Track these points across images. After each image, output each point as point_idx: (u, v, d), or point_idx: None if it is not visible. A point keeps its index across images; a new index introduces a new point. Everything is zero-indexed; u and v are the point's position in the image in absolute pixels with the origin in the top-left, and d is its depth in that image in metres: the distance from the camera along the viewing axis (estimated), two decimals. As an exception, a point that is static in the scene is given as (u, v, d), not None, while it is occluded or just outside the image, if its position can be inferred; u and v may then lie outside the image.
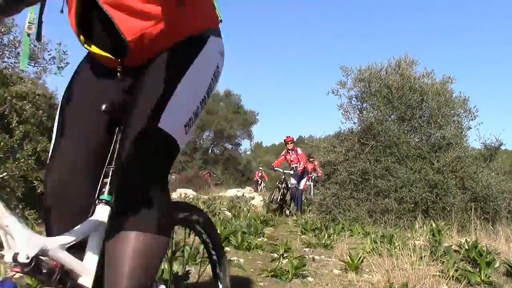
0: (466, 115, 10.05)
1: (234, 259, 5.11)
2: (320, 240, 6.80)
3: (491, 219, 9.02)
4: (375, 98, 10.04)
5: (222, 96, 27.31)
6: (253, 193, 19.09)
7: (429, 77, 10.33)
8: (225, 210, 11.04)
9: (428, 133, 9.52)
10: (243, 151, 29.75)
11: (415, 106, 9.79)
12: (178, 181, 23.09)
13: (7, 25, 7.88)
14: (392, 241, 6.28)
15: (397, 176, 9.12)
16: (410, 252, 4.80)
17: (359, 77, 10.52)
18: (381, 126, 9.58)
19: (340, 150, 10.13)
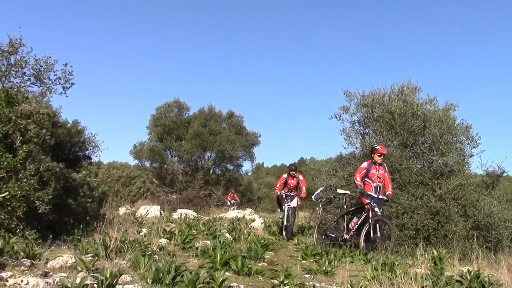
0: (469, 142, 10.07)
1: (234, 285, 5.08)
2: (320, 266, 6.76)
3: (493, 247, 8.96)
4: (378, 124, 10.08)
5: (225, 117, 27.36)
6: (254, 215, 19.01)
7: (432, 104, 10.38)
8: (225, 232, 10.99)
9: (431, 160, 9.52)
10: (245, 172, 29.65)
11: (417, 132, 9.81)
12: (179, 201, 23.03)
13: (14, 45, 7.96)
14: (393, 269, 6.23)
15: (398, 202, 9.09)
16: (412, 282, 4.77)
17: (362, 102, 10.57)
18: (383, 151, 9.59)
19: (342, 175, 10.14)
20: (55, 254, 5.90)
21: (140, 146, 26.87)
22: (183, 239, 8.05)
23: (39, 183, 7.33)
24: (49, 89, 8.44)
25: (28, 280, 4.20)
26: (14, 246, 5.61)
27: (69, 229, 8.40)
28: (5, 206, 6.82)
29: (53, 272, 4.85)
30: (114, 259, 5.58)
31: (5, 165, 6.79)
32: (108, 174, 30.81)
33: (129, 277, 4.89)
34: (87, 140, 15.62)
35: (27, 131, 7.48)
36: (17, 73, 8.08)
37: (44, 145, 9.14)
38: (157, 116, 26.77)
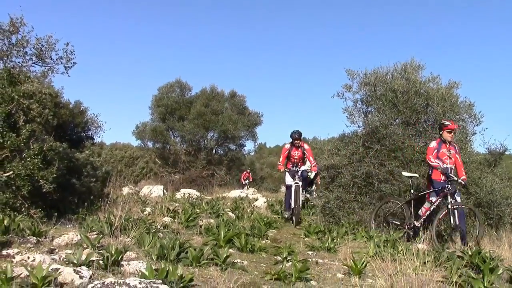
0: (471, 121, 10.03)
1: (237, 262, 5.13)
2: (323, 243, 6.82)
3: (495, 224, 8.99)
4: (381, 102, 10.03)
5: (227, 97, 27.29)
6: (257, 194, 19.09)
7: (435, 82, 10.31)
8: (228, 211, 11.06)
9: (433, 138, 9.49)
10: (247, 152, 29.70)
11: (420, 110, 9.77)
12: (182, 181, 23.13)
13: (15, 25, 7.92)
14: (395, 246, 6.29)
15: (401, 180, 9.11)
16: (414, 257, 4.81)
17: (365, 81, 10.51)
18: (386, 130, 9.58)
19: (345, 153, 10.13)
20: (60, 232, 5.97)
21: (142, 126, 26.88)
22: (186, 218, 8.12)
23: (43, 163, 7.36)
24: (51, 69, 8.42)
25: (35, 257, 4.26)
26: (19, 224, 5.68)
27: (74, 208, 8.47)
28: (10, 185, 6.87)
29: (59, 249, 4.91)
30: (119, 236, 5.63)
31: (9, 144, 6.82)
32: (111, 155, 30.88)
33: (134, 253, 4.95)
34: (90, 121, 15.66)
35: (30, 111, 7.49)
36: (19, 52, 8.05)
37: (47, 125, 9.17)
38: (159, 97, 26.72)
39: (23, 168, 6.84)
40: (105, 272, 4.00)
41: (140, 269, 4.06)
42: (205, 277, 4.31)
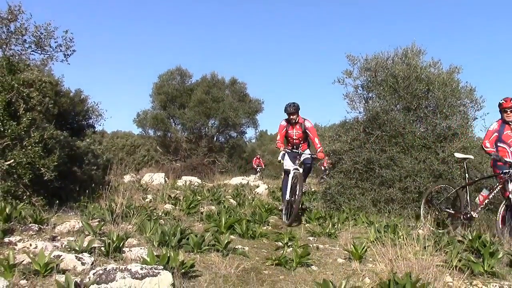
0: (472, 106, 9.98)
1: (238, 247, 5.16)
2: (324, 229, 6.85)
3: (495, 209, 9.01)
4: (381, 88, 10.00)
5: (228, 84, 27.20)
6: (258, 181, 19.14)
7: (436, 67, 10.26)
8: (230, 198, 11.09)
9: (434, 123, 9.48)
10: (248, 139, 29.67)
11: (421, 96, 9.74)
12: (183, 168, 23.17)
13: (13, 12, 7.89)
14: (396, 231, 6.31)
15: (401, 166, 9.11)
16: (414, 242, 4.82)
17: (365, 66, 10.47)
18: (386, 115, 9.56)
19: (345, 139, 10.12)
20: (62, 220, 6.00)
21: (143, 114, 26.83)
22: (188, 205, 8.14)
23: (44, 151, 7.37)
24: (50, 57, 8.41)
25: (37, 244, 4.29)
26: (21, 212, 5.70)
27: (75, 196, 8.51)
28: (11, 174, 6.89)
29: (61, 236, 4.94)
30: (120, 223, 5.66)
31: (10, 132, 6.82)
32: (112, 143, 30.91)
33: (136, 240, 4.98)
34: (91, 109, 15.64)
35: (30, 99, 7.48)
36: (18, 40, 8.04)
37: (48, 113, 9.15)
38: (160, 84, 26.63)
39: (24, 156, 6.85)
40: (106, 259, 4.02)
41: (141, 255, 4.09)
42: (206, 263, 4.33)
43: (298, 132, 8.65)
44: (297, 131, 8.66)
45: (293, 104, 8.46)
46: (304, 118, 8.64)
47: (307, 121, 8.61)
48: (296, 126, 8.64)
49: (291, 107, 8.41)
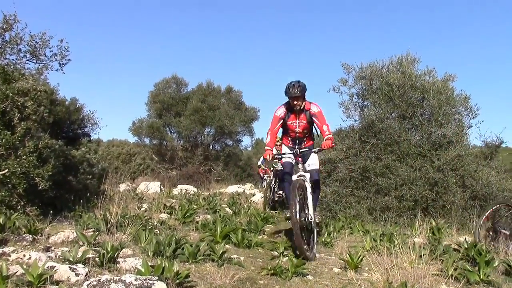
0: (467, 113, 10.04)
1: (234, 257, 5.14)
2: (320, 238, 6.83)
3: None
4: (376, 96, 10.04)
5: (223, 92, 27.24)
6: (254, 190, 19.11)
7: (431, 75, 10.32)
8: (225, 206, 11.06)
9: (429, 131, 9.51)
10: (244, 147, 29.65)
11: (416, 104, 9.78)
12: (179, 177, 23.12)
13: (9, 22, 7.88)
14: (391, 239, 6.31)
15: (397, 174, 9.13)
16: (410, 251, 4.83)
17: (361, 75, 10.51)
18: (382, 124, 9.59)
19: (341, 148, 10.13)
20: (56, 230, 5.96)
21: (139, 123, 26.81)
22: (183, 214, 8.11)
23: (39, 160, 7.33)
24: (45, 66, 8.37)
25: (30, 255, 4.25)
26: (15, 222, 5.67)
27: (70, 206, 8.45)
28: (5, 183, 6.84)
29: (55, 247, 4.91)
30: (115, 233, 5.64)
31: (4, 142, 6.79)
32: (108, 151, 30.81)
33: (130, 250, 4.95)
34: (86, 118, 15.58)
35: (25, 108, 7.45)
36: (13, 50, 8.00)
37: (43, 122, 9.12)
38: (156, 93, 26.64)
39: (19, 166, 6.81)
40: (101, 269, 4.00)
41: (136, 266, 4.06)
42: (201, 273, 4.31)
43: (303, 123, 6.45)
44: (301, 121, 6.44)
45: (298, 84, 6.09)
46: (310, 102, 6.38)
47: (314, 105, 6.36)
48: (300, 115, 6.40)
49: (295, 87, 6.02)
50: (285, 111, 6.42)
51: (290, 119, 6.46)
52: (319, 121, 6.29)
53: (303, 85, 6.13)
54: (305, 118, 6.41)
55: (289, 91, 6.11)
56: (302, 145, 6.57)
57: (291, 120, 6.46)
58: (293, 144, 6.66)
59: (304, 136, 6.62)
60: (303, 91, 6.16)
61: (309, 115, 6.37)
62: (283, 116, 6.42)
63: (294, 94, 6.09)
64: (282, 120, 6.42)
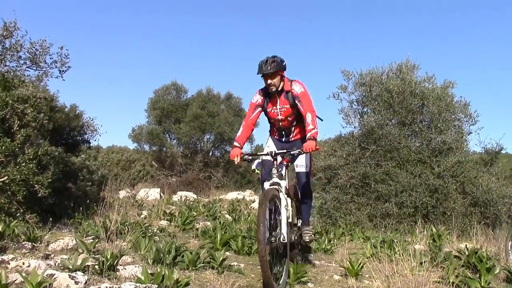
0: (467, 120, 10.08)
1: (234, 264, 5.12)
2: (320, 244, 6.81)
3: (491, 224, 9.03)
4: (376, 103, 10.06)
5: (223, 99, 27.27)
6: (254, 196, 19.09)
7: (430, 82, 10.35)
8: (225, 213, 11.04)
9: (429, 138, 9.52)
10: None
11: (416, 110, 9.80)
12: (178, 184, 23.09)
13: (9, 29, 7.89)
14: (392, 246, 6.29)
15: (397, 181, 9.12)
16: (410, 258, 4.81)
17: (360, 81, 10.54)
18: (381, 130, 9.60)
19: (341, 154, 10.14)
20: (56, 237, 5.95)
21: (139, 129, 26.80)
22: (183, 221, 8.09)
23: (38, 167, 7.32)
24: (45, 73, 8.39)
25: (30, 263, 4.23)
26: (15, 230, 5.64)
27: (70, 213, 8.43)
28: (5, 191, 6.83)
29: (55, 254, 4.89)
30: (115, 241, 5.61)
31: (3, 149, 6.78)
32: (108, 158, 30.79)
33: (130, 258, 4.93)
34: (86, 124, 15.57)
35: (25, 115, 7.45)
36: (13, 57, 8.03)
37: (42, 129, 9.11)
38: (155, 99, 26.66)
39: (18, 173, 6.80)
40: (100, 277, 3.98)
41: (136, 274, 4.04)
42: (201, 281, 4.29)
43: (285, 109, 5.10)
44: (282, 107, 5.10)
45: (273, 59, 4.84)
46: (291, 80, 5.10)
47: (297, 84, 5.05)
48: (280, 98, 5.07)
49: (267, 63, 4.78)
50: (262, 97, 5.15)
51: (269, 105, 5.15)
52: (303, 107, 4.88)
53: (280, 61, 4.85)
54: (287, 102, 5.05)
55: (262, 68, 4.81)
56: (290, 137, 5.33)
57: (270, 106, 5.15)
58: (280, 136, 5.39)
59: (290, 125, 5.24)
60: (279, 67, 4.83)
61: (291, 98, 5.02)
62: (260, 102, 5.14)
63: (267, 71, 4.77)
64: (260, 107, 5.14)
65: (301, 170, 5.29)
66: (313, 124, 4.68)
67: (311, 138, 4.55)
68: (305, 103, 4.88)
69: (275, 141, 5.42)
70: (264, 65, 4.80)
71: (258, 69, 4.85)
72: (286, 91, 5.02)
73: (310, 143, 4.50)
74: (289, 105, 5.04)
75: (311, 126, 4.66)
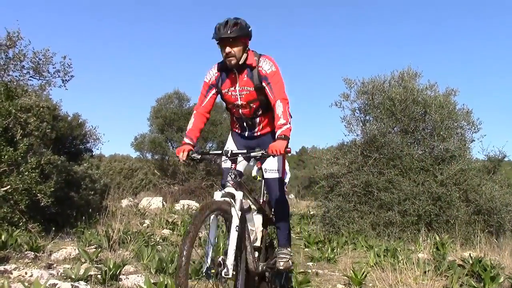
0: (470, 128, 10.04)
1: (237, 274, 5.09)
2: (323, 253, 6.79)
3: (495, 232, 8.98)
4: (378, 111, 10.05)
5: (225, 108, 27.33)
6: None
7: (432, 90, 10.34)
8: (228, 222, 11.01)
9: (432, 146, 9.51)
10: (246, 162, 29.69)
11: (418, 118, 9.78)
12: (181, 192, 23.08)
13: (12, 39, 7.94)
14: (395, 255, 6.26)
15: (400, 189, 9.09)
16: (414, 267, 4.78)
17: (362, 90, 10.53)
18: (384, 138, 9.58)
19: (343, 162, 10.11)
20: (58, 246, 5.94)
21: (141, 138, 26.84)
22: (185, 230, 8.08)
23: (41, 176, 7.34)
24: (48, 82, 8.45)
25: (32, 272, 4.23)
26: (17, 239, 5.65)
27: (72, 222, 8.43)
28: (7, 200, 6.84)
29: (57, 264, 4.88)
30: (118, 250, 5.62)
31: (6, 158, 6.79)
32: (110, 167, 30.80)
33: (133, 267, 4.92)
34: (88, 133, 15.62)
35: (28, 125, 7.48)
36: (16, 66, 8.08)
37: (45, 138, 9.13)
38: (158, 108, 26.71)
39: (21, 182, 6.81)
40: (103, 287, 3.97)
41: (138, 283, 4.04)
42: None
43: (247, 91, 3.76)
44: (243, 88, 3.76)
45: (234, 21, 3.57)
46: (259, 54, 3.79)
47: (265, 60, 3.72)
48: (241, 76, 3.73)
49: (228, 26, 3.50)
50: (217, 73, 3.81)
51: (226, 84, 3.77)
52: (272, 92, 3.57)
53: (243, 24, 3.58)
54: (250, 82, 3.69)
55: (218, 31, 3.53)
56: (255, 131, 3.96)
57: (226, 86, 3.77)
58: (242, 129, 4.05)
59: (254, 114, 3.86)
60: (242, 32, 3.55)
61: (257, 77, 3.67)
62: (214, 81, 3.80)
63: (225, 35, 3.48)
64: (215, 88, 3.82)
65: (270, 176, 3.96)
66: (285, 118, 3.43)
67: (282, 136, 3.32)
68: (275, 88, 3.59)
69: (236, 137, 4.17)
70: (222, 27, 3.50)
71: (214, 33, 3.55)
72: (250, 67, 3.68)
73: (279, 143, 3.26)
74: (253, 88, 3.69)
75: (282, 121, 3.41)
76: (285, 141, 3.29)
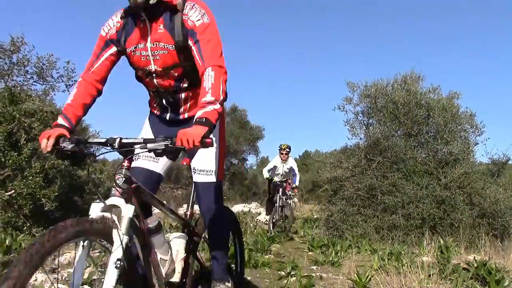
0: (473, 131, 10.02)
1: (241, 278, 5.08)
2: (327, 257, 6.77)
3: (500, 235, 8.95)
4: (382, 114, 10.04)
5: (228, 111, 27.35)
6: (260, 209, 19.04)
7: (436, 93, 10.33)
8: (231, 226, 10.99)
9: (435, 149, 9.49)
10: (249, 166, 29.66)
11: (421, 121, 9.77)
12: (184, 196, 23.08)
13: (16, 44, 7.99)
14: (399, 259, 6.24)
15: (404, 192, 9.07)
16: (418, 270, 4.77)
17: (365, 93, 10.52)
18: (387, 141, 9.57)
19: (347, 166, 10.10)
20: (62, 251, 5.94)
21: (144, 142, 26.92)
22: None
23: (45, 181, 7.37)
24: (52, 87, 8.51)
25: (36, 277, 4.22)
26: (21, 244, 5.66)
27: (76, 226, 8.45)
28: (12, 204, 6.87)
29: (61, 268, 4.88)
30: (121, 254, 5.60)
31: (10, 163, 6.83)
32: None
33: (137, 271, 4.91)
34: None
35: (31, 129, 7.52)
36: (20, 71, 8.15)
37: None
38: (161, 112, 26.80)
39: (25, 186, 6.84)
40: (107, 291, 3.96)
41: (142, 287, 4.03)
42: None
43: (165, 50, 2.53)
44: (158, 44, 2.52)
45: None
46: None
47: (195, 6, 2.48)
48: (155, 26, 2.50)
49: None
50: (119, 23, 2.61)
51: (131, 40, 2.59)
52: (201, 56, 2.41)
53: None
54: (168, 36, 2.51)
55: None
56: (180, 113, 2.82)
57: (132, 43, 2.59)
58: (162, 111, 2.87)
59: (176, 87, 2.70)
60: None
61: (180, 29, 2.48)
62: (114, 35, 2.61)
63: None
64: (115, 46, 2.63)
65: (201, 180, 2.91)
66: (214, 94, 2.27)
67: (202, 120, 2.17)
68: (206, 48, 2.41)
69: (154, 121, 2.97)
70: None
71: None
72: (170, 9, 2.49)
73: (194, 130, 2.11)
74: (173, 46, 2.52)
75: (209, 97, 2.25)
76: (205, 128, 2.13)
